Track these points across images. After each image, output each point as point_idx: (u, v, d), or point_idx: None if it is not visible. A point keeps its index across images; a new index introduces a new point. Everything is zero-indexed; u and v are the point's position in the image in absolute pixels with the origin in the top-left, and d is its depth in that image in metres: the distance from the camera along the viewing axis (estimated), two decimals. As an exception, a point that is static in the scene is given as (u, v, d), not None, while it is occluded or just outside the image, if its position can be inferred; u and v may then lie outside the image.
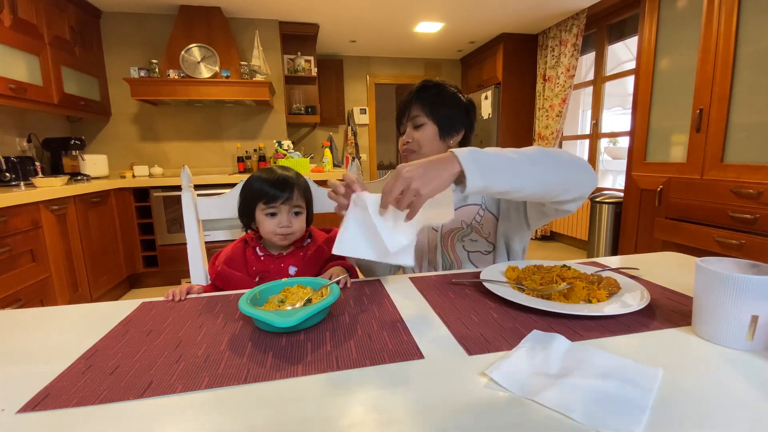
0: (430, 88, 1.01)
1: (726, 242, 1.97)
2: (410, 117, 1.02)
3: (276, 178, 0.91)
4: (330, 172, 3.32)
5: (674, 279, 0.78)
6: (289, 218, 0.91)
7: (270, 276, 0.92)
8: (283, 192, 0.90)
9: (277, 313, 0.57)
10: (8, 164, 2.34)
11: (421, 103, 1.00)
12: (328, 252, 0.94)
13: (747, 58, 1.94)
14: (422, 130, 1.00)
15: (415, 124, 1.01)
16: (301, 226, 0.94)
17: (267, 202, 0.90)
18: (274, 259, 0.94)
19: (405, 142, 1.03)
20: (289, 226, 0.90)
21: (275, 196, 0.89)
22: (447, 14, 3.53)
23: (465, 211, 1.02)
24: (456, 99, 1.02)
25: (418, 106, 1.00)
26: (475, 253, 1.02)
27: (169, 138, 3.45)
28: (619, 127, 3.52)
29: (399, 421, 0.38)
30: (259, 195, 0.91)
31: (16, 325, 0.64)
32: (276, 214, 0.91)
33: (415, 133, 1.01)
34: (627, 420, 0.37)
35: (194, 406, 0.42)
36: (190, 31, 3.10)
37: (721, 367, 0.46)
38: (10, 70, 2.15)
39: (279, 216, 0.91)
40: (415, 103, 1.01)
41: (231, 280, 0.89)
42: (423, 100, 1.00)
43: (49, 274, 2.00)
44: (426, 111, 1.00)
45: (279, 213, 0.91)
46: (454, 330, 0.58)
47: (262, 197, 0.90)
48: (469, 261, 1.03)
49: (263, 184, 0.91)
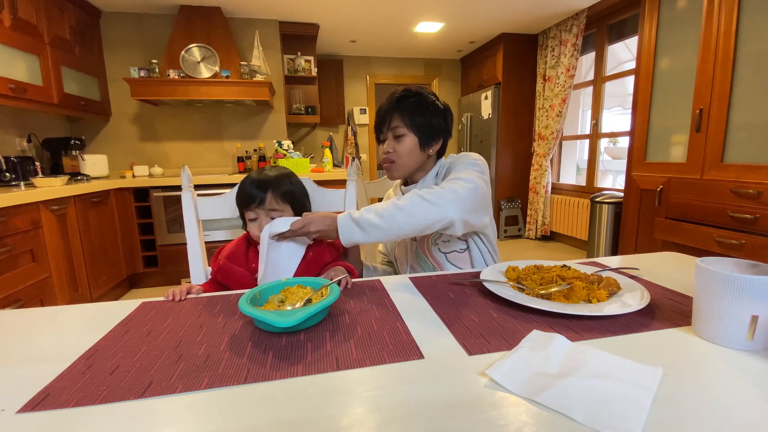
0: (410, 98, 1.00)
1: (726, 242, 1.97)
2: (390, 127, 1.00)
3: (251, 182, 0.91)
4: (330, 172, 3.32)
5: (674, 279, 0.78)
6: (267, 221, 0.89)
7: None
8: (256, 196, 0.90)
9: (277, 313, 0.57)
10: (8, 164, 2.34)
11: (401, 113, 0.99)
12: (329, 256, 0.94)
13: (747, 58, 1.94)
14: (403, 141, 0.99)
15: (396, 134, 1.00)
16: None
17: (247, 206, 0.91)
18: None
19: (386, 152, 1.02)
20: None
21: (252, 200, 0.90)
22: (447, 14, 3.53)
23: None
24: (435, 107, 1.01)
25: (398, 117, 0.99)
26: (452, 253, 1.04)
27: (169, 138, 3.45)
28: (619, 127, 3.52)
29: (399, 421, 0.38)
30: (242, 201, 0.93)
31: (16, 325, 0.64)
32: (256, 219, 0.91)
33: (396, 144, 1.00)
34: (627, 420, 0.37)
35: (194, 406, 0.42)
36: (190, 31, 3.10)
37: (721, 367, 0.46)
38: (10, 70, 2.15)
39: (258, 220, 0.91)
40: (395, 114, 0.99)
41: (232, 275, 0.90)
42: (403, 111, 0.99)
43: (49, 274, 2.00)
44: (407, 122, 0.99)
45: (258, 217, 0.91)
46: (454, 330, 0.58)
47: (243, 203, 0.92)
48: (448, 262, 1.04)
49: (244, 190, 0.92)
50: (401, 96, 1.00)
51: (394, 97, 1.02)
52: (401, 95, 1.01)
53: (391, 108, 1.00)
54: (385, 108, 1.02)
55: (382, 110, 1.02)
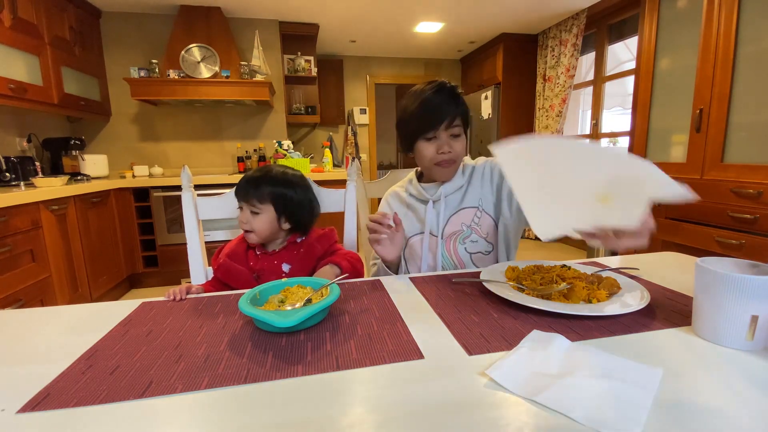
0: (460, 95, 0.97)
1: (726, 242, 1.97)
2: (453, 125, 0.95)
3: (245, 178, 0.96)
4: (330, 172, 3.32)
5: (674, 279, 0.78)
6: (247, 217, 0.93)
7: (265, 273, 0.94)
8: (242, 191, 0.94)
9: (277, 313, 0.57)
10: (8, 164, 2.34)
11: (461, 113, 0.96)
12: (319, 249, 0.97)
13: (747, 58, 1.94)
14: (459, 141, 0.97)
15: (454, 133, 0.96)
16: (260, 227, 0.93)
17: (238, 200, 0.96)
18: (268, 257, 0.96)
19: (446, 151, 0.96)
20: (245, 223, 0.93)
21: (240, 195, 0.95)
22: (447, 14, 3.52)
23: (463, 214, 1.02)
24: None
25: (459, 117, 0.95)
26: (477, 254, 1.02)
27: (169, 138, 3.45)
28: (619, 127, 3.52)
29: (399, 421, 0.38)
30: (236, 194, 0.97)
31: (16, 325, 0.64)
32: (242, 210, 0.95)
33: (454, 143, 0.96)
34: (627, 420, 0.37)
35: (194, 406, 0.42)
36: (190, 31, 3.10)
37: (721, 367, 0.46)
38: (10, 70, 2.15)
39: (241, 213, 0.95)
40: (457, 113, 0.95)
41: (232, 273, 0.91)
42: (463, 111, 0.96)
43: (49, 274, 2.00)
44: (462, 122, 0.96)
45: (242, 211, 0.95)
46: (454, 330, 0.58)
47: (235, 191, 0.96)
48: (472, 263, 1.03)
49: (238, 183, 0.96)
50: (458, 94, 0.97)
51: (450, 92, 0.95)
52: (458, 93, 0.97)
53: (454, 106, 0.95)
54: (445, 104, 0.94)
55: (438, 106, 0.94)
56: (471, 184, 1.04)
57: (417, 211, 1.06)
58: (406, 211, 1.08)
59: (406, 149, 1.04)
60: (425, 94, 0.95)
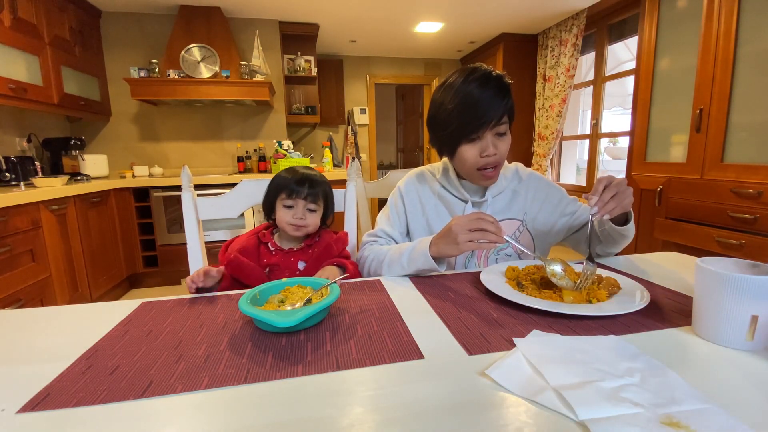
0: (509, 87, 0.84)
1: (726, 242, 1.97)
2: (500, 122, 0.83)
3: (300, 176, 0.98)
4: (330, 172, 3.32)
5: (674, 279, 0.78)
6: (303, 212, 0.97)
7: (280, 269, 0.96)
8: (302, 189, 0.97)
9: (277, 313, 0.57)
10: (8, 164, 2.34)
11: (509, 110, 0.84)
12: (335, 250, 0.99)
13: (747, 58, 1.94)
14: (504, 141, 0.86)
15: (500, 131, 0.85)
16: (314, 222, 0.99)
17: (288, 195, 0.97)
18: (284, 254, 0.98)
19: (491, 153, 0.85)
20: (302, 219, 0.96)
21: (295, 191, 0.96)
22: (447, 14, 3.52)
23: (506, 225, 0.97)
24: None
25: (507, 114, 0.84)
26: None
27: (169, 138, 3.45)
28: (619, 127, 3.52)
29: (399, 421, 0.38)
30: (282, 187, 0.98)
31: (16, 325, 0.64)
32: (293, 207, 0.97)
33: (499, 142, 0.86)
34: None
35: (194, 406, 0.42)
36: (190, 31, 3.10)
37: (721, 367, 0.46)
38: (10, 70, 2.15)
39: (295, 209, 0.97)
40: (505, 109, 0.83)
41: (243, 268, 0.91)
42: (510, 105, 0.84)
43: (49, 274, 2.00)
44: (509, 119, 0.85)
45: (296, 206, 0.97)
46: (454, 330, 0.58)
47: (284, 189, 0.97)
48: None
49: (288, 179, 0.98)
50: (506, 84, 0.84)
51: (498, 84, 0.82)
52: (506, 82, 0.84)
53: (503, 101, 0.82)
54: (492, 99, 0.81)
55: (486, 101, 0.81)
56: (517, 192, 0.98)
57: (452, 207, 0.97)
58: (437, 203, 0.99)
59: (444, 153, 0.92)
60: (468, 87, 0.81)
